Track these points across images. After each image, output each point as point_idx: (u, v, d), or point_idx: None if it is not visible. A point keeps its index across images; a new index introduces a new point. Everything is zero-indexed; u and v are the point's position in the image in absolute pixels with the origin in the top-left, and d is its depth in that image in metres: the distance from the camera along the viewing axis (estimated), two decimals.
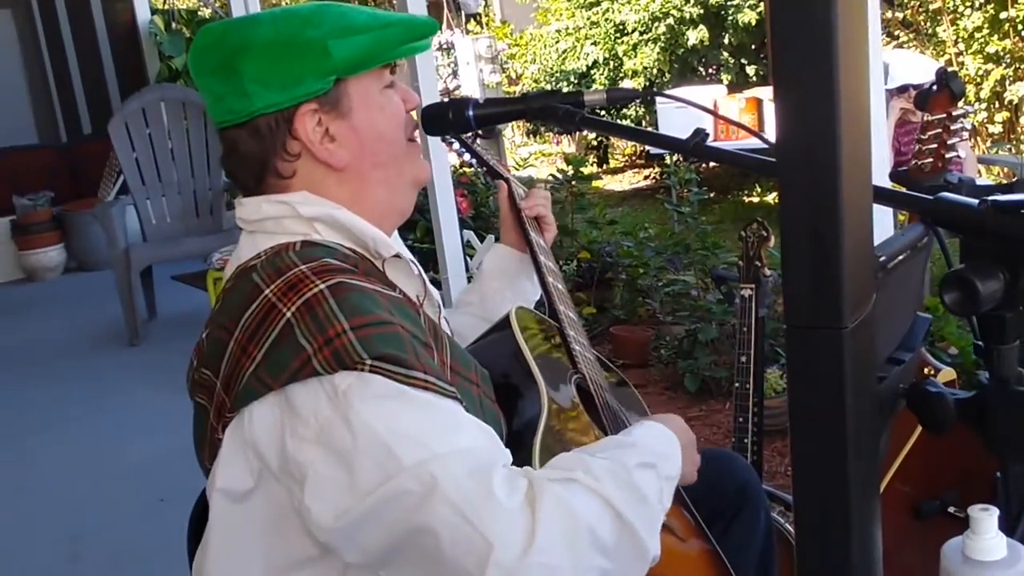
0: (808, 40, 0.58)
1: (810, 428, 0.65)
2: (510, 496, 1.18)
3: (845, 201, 0.59)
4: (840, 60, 0.58)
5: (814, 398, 0.63)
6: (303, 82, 1.39)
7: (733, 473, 1.86)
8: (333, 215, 1.42)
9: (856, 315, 0.62)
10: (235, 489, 1.31)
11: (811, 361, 0.63)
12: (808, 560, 0.67)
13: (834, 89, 0.58)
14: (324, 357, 1.21)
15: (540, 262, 1.88)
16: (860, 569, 0.66)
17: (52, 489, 4.08)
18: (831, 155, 0.59)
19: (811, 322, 0.62)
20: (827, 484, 0.65)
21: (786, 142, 0.60)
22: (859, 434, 0.64)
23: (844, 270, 0.60)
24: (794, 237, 0.61)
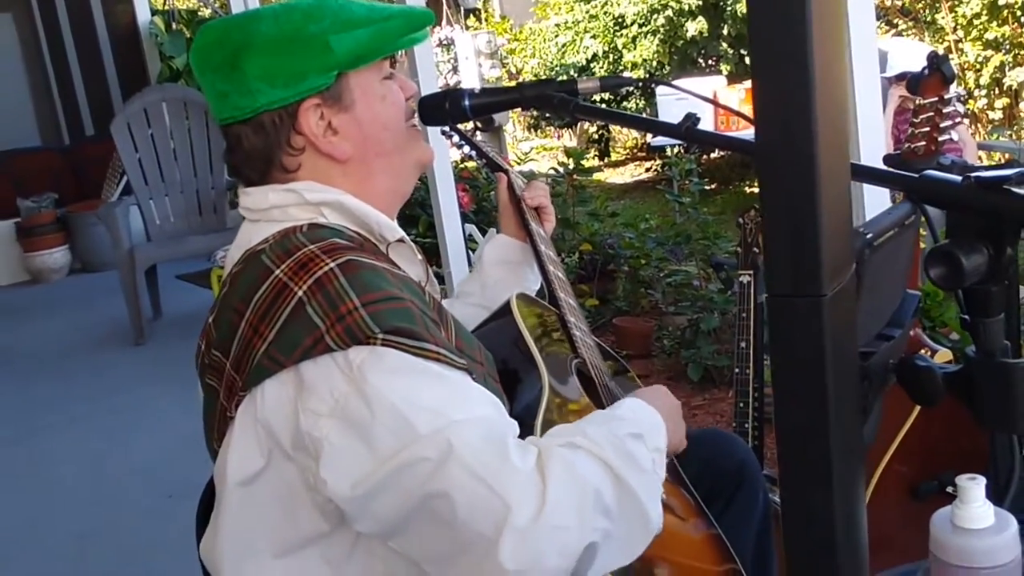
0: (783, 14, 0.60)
1: (792, 394, 0.67)
2: (523, 460, 1.21)
3: (822, 171, 0.61)
4: (814, 34, 0.60)
5: (795, 364, 0.65)
6: (306, 78, 1.41)
7: (731, 452, 1.88)
8: (339, 200, 1.44)
9: (835, 283, 0.64)
10: (245, 470, 1.33)
11: (792, 328, 0.64)
12: (792, 527, 0.68)
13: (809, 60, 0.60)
14: (337, 333, 1.23)
15: (540, 250, 1.90)
16: (844, 536, 0.68)
17: (60, 487, 4.11)
18: (806, 125, 0.61)
19: (791, 290, 0.64)
20: (809, 450, 0.66)
21: (763, 114, 0.62)
22: (840, 400, 0.66)
23: (822, 239, 0.62)
24: (773, 209, 0.64)
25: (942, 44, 7.71)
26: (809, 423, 0.65)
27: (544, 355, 1.64)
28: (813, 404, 0.65)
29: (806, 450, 0.66)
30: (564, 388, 1.62)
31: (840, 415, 0.66)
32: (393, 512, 1.23)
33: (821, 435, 0.65)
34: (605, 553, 1.26)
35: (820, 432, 0.65)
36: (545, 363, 1.62)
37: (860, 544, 0.71)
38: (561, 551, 1.20)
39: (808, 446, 0.66)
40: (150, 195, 6.17)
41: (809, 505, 0.67)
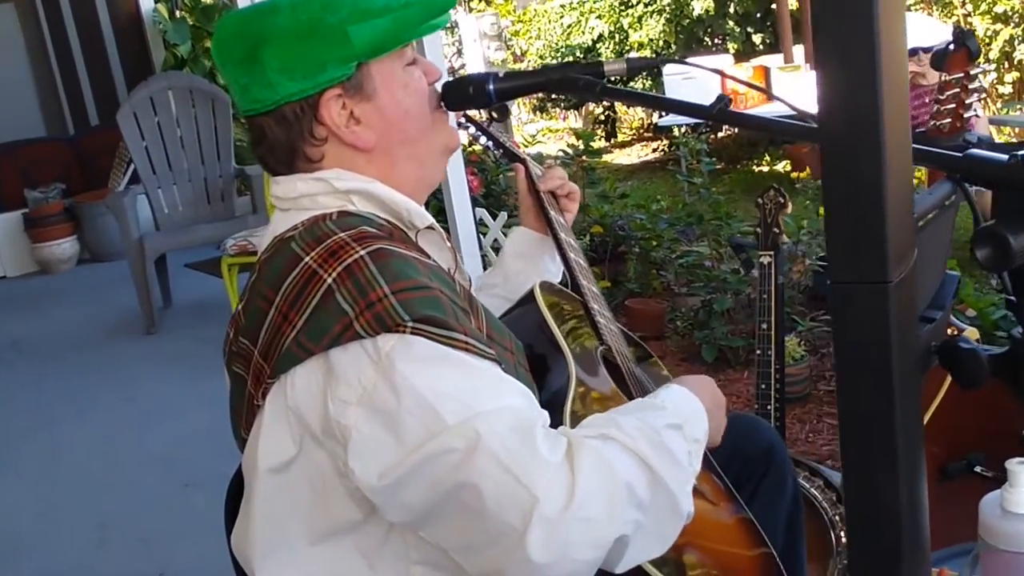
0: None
1: (856, 383, 0.65)
2: (552, 451, 1.20)
3: (888, 157, 0.60)
4: (881, 17, 0.58)
5: (860, 353, 0.64)
6: (325, 69, 1.40)
7: (758, 436, 1.87)
8: (368, 188, 1.44)
9: (899, 270, 0.63)
10: (277, 457, 1.33)
11: (856, 316, 0.63)
12: (857, 512, 0.67)
13: (876, 46, 0.59)
14: (366, 320, 1.23)
15: (561, 239, 1.89)
16: (909, 519, 0.67)
17: (78, 476, 4.11)
18: (874, 111, 0.59)
19: (856, 277, 0.62)
20: (875, 438, 0.65)
21: (828, 100, 0.61)
22: (904, 388, 0.65)
23: (888, 226, 0.61)
24: (837, 195, 0.62)
25: (951, 18, 7.66)
26: (875, 410, 0.64)
27: (570, 343, 1.63)
28: (879, 391, 0.64)
29: (872, 436, 0.65)
30: (591, 376, 1.61)
31: (904, 401, 0.65)
32: (421, 502, 1.22)
33: (887, 421, 0.64)
34: (636, 545, 1.25)
35: (886, 418, 0.64)
36: (571, 351, 1.61)
37: (923, 527, 0.71)
38: (591, 543, 1.19)
39: (874, 432, 0.65)
40: (158, 184, 6.16)
41: (875, 490, 0.66)
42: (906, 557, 0.67)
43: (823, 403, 3.85)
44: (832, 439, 3.55)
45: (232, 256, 5.27)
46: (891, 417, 0.64)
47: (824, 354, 4.26)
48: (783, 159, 9.01)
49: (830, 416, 3.71)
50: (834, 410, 3.76)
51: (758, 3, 8.81)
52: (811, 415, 3.75)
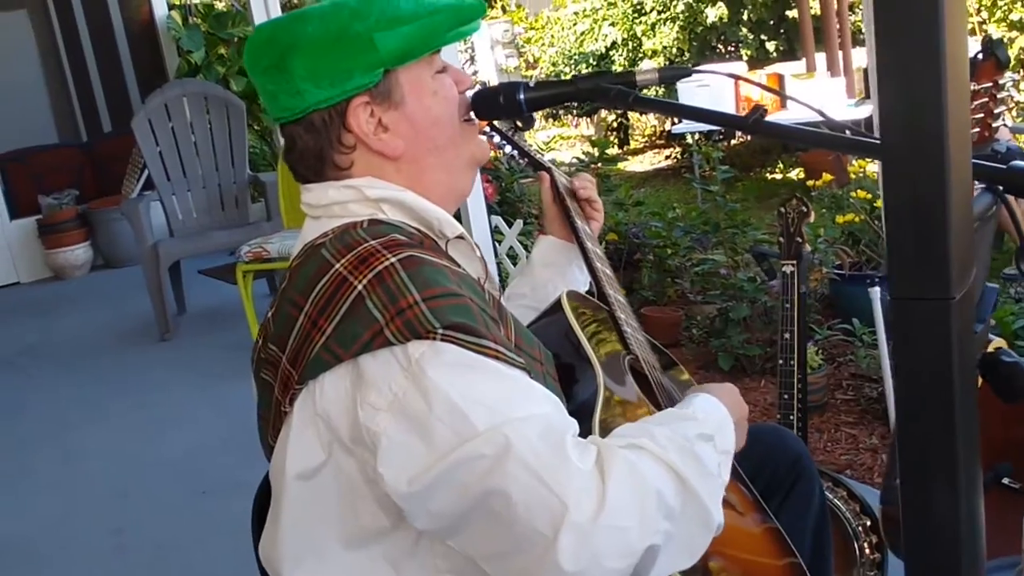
0: (913, 10, 0.58)
1: (917, 398, 0.65)
2: (582, 459, 1.20)
3: (952, 171, 0.59)
4: (947, 32, 0.58)
5: (922, 368, 0.63)
6: (352, 76, 1.40)
7: (786, 447, 1.87)
8: (399, 196, 1.44)
9: (961, 286, 0.63)
10: (305, 464, 1.33)
11: (919, 332, 0.63)
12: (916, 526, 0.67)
13: (942, 62, 0.58)
14: (396, 327, 1.23)
15: (587, 248, 1.89)
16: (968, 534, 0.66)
17: (95, 483, 4.11)
18: (938, 125, 0.59)
19: (919, 293, 0.62)
20: (935, 453, 0.65)
21: (891, 116, 0.60)
22: (963, 403, 0.64)
23: (951, 241, 0.60)
24: (900, 209, 0.62)
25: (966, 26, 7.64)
26: (936, 425, 0.64)
27: (597, 352, 1.62)
28: (940, 406, 0.63)
29: (932, 451, 0.65)
30: (619, 385, 1.61)
31: (963, 416, 0.65)
32: (450, 509, 1.22)
33: (948, 437, 0.64)
34: (666, 555, 1.25)
35: (947, 434, 0.64)
36: (599, 360, 1.60)
37: (980, 542, 0.70)
38: (620, 552, 1.18)
39: (934, 447, 0.64)
40: (172, 190, 6.17)
41: (934, 505, 0.65)
42: (965, 571, 0.66)
43: (840, 412, 3.84)
44: (850, 448, 3.53)
45: (247, 263, 5.28)
46: (952, 432, 0.63)
47: (841, 363, 4.26)
48: (796, 166, 9.00)
49: (848, 425, 3.70)
50: (852, 419, 3.75)
51: (772, 10, 8.80)
52: (829, 424, 3.74)
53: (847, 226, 4.58)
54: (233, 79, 8.22)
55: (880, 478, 3.27)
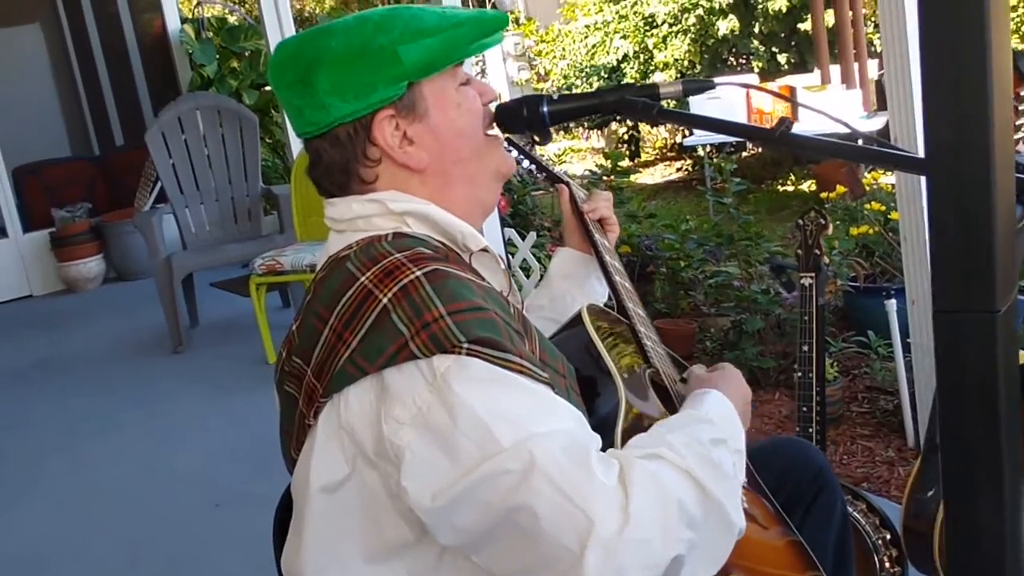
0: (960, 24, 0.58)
1: (961, 410, 0.64)
2: (607, 473, 1.19)
3: (997, 185, 0.59)
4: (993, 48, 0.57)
5: (967, 382, 0.63)
6: (376, 90, 1.41)
7: (807, 460, 1.86)
8: (424, 210, 1.44)
9: (1006, 299, 0.62)
10: (329, 477, 1.32)
11: (963, 345, 0.62)
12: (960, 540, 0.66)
13: (988, 78, 0.58)
14: (422, 341, 1.22)
15: (606, 261, 1.89)
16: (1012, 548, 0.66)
17: (109, 495, 4.11)
18: (984, 140, 0.59)
19: (963, 306, 0.61)
20: (980, 464, 0.64)
21: (937, 130, 0.60)
22: (1008, 415, 0.64)
23: (996, 254, 0.60)
24: (945, 223, 0.61)
25: None
26: (980, 437, 0.63)
27: (618, 366, 1.62)
28: (985, 418, 0.63)
29: (977, 465, 0.64)
30: (641, 399, 1.60)
31: (1008, 427, 0.64)
32: (474, 524, 1.21)
33: (993, 451, 0.63)
34: (691, 563, 1.24)
35: (992, 448, 0.63)
36: (620, 374, 1.60)
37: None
38: (645, 565, 1.18)
39: (979, 459, 0.64)
40: (185, 203, 6.19)
41: (979, 519, 0.65)
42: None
43: (856, 425, 3.82)
44: (866, 461, 3.52)
45: (260, 275, 5.29)
46: (997, 444, 0.63)
47: (856, 375, 4.24)
48: (808, 178, 8.99)
49: (864, 438, 3.68)
50: (868, 432, 3.73)
51: (783, 23, 8.80)
52: (844, 437, 3.72)
53: (861, 238, 4.57)
54: (245, 92, 8.26)
55: (897, 491, 3.26)
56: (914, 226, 2.86)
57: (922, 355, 2.97)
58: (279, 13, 6.57)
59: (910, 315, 2.99)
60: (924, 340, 2.94)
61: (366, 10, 1.49)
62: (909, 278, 2.95)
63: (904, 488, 3.24)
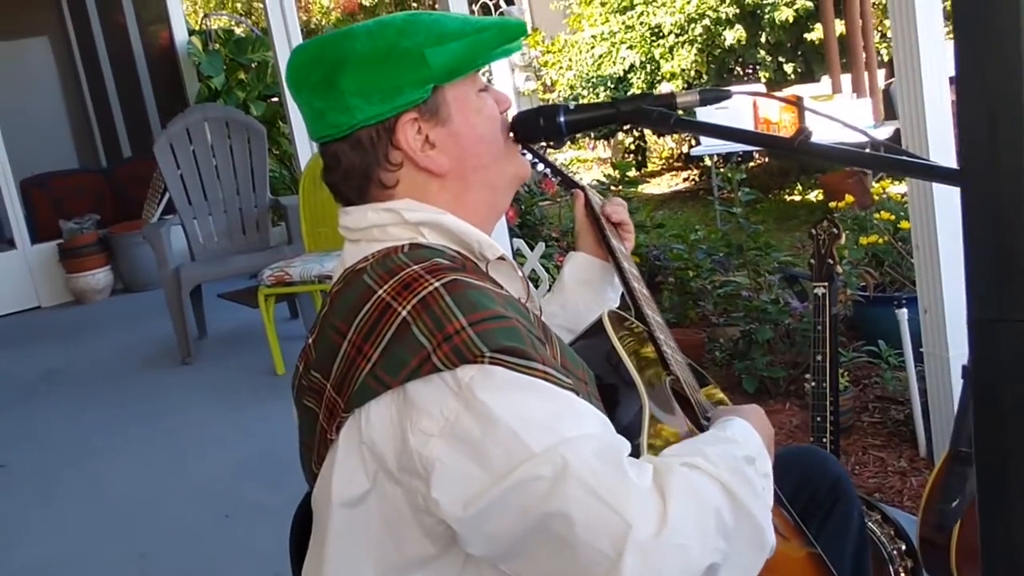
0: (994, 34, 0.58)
1: (996, 419, 0.64)
2: (641, 476, 1.19)
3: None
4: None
5: (1001, 392, 0.63)
6: (402, 92, 1.40)
7: (824, 469, 1.85)
8: (439, 219, 1.43)
9: None
10: (350, 492, 1.32)
11: (998, 354, 0.62)
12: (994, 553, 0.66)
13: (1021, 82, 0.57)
14: (444, 353, 1.22)
15: (623, 267, 1.88)
16: None
17: (119, 507, 4.11)
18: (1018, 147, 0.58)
19: (998, 316, 0.61)
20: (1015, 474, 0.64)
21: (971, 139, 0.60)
22: None
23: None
24: (980, 232, 0.61)
25: None
26: (1016, 450, 0.63)
27: (640, 374, 1.61)
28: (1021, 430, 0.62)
29: (1012, 476, 0.64)
30: (662, 406, 1.59)
31: None
32: (508, 532, 1.20)
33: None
34: (724, 575, 1.23)
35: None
36: (642, 382, 1.59)
37: None
38: (682, 570, 1.17)
39: (1014, 472, 0.63)
40: (193, 215, 6.20)
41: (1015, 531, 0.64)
42: None
43: (867, 435, 3.81)
44: (878, 472, 3.51)
45: (269, 286, 5.29)
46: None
47: (866, 385, 4.23)
48: (815, 188, 8.99)
49: (876, 448, 3.67)
50: (879, 442, 3.72)
51: (790, 33, 8.81)
52: (856, 447, 3.71)
53: (871, 247, 4.56)
54: (253, 104, 8.28)
55: (910, 502, 3.25)
56: (926, 235, 2.85)
57: (935, 364, 2.96)
58: (287, 24, 6.59)
59: (923, 324, 2.98)
60: (937, 349, 2.93)
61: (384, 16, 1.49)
62: (921, 287, 2.94)
63: (917, 499, 3.24)
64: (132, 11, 9.28)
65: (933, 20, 2.73)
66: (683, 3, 9.14)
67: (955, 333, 2.89)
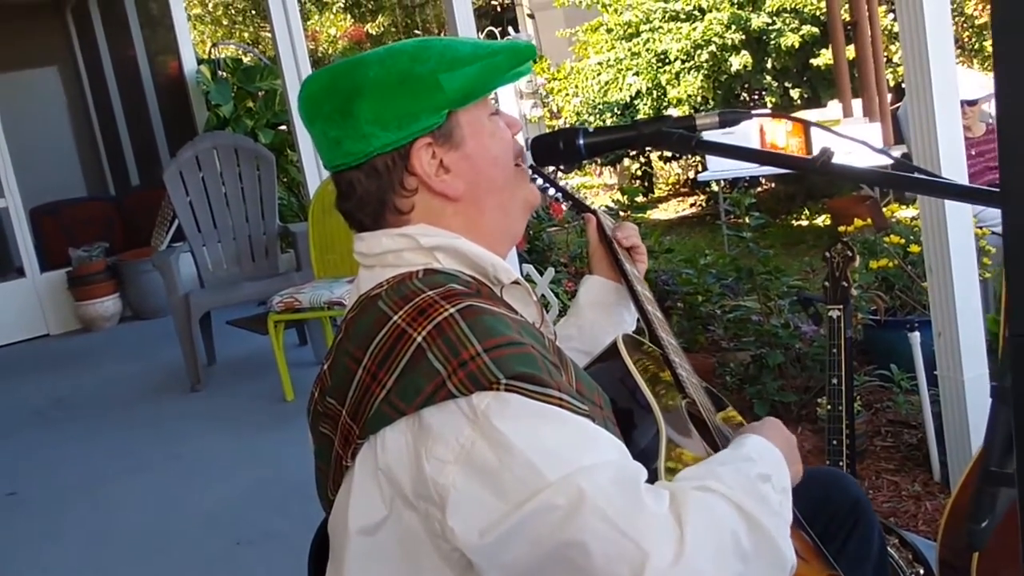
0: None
1: None
2: (657, 503, 1.18)
3: None
4: None
5: None
6: (418, 118, 1.41)
7: (844, 491, 1.84)
8: (453, 244, 1.43)
9: None
10: (367, 519, 1.31)
11: None
12: None
13: None
14: (459, 379, 1.22)
15: (637, 290, 1.88)
16: None
17: (128, 535, 4.09)
18: None
19: None
20: None
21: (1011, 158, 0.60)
22: None
23: None
24: (1019, 249, 0.61)
25: (990, 72, 7.64)
26: None
27: (657, 398, 1.61)
28: None
29: None
30: (679, 430, 1.59)
31: None
32: (524, 561, 1.19)
33: None
34: None
35: None
36: (659, 406, 1.59)
37: None
38: None
39: None
40: (203, 242, 6.22)
41: None
42: None
43: (880, 459, 3.79)
44: (892, 496, 3.49)
45: (279, 313, 5.29)
46: None
47: (878, 409, 4.22)
48: (822, 213, 8.99)
49: (889, 472, 3.66)
50: (893, 466, 3.70)
51: (796, 58, 8.83)
52: (869, 471, 3.69)
53: (881, 271, 4.55)
54: (261, 132, 8.31)
55: (925, 526, 3.23)
56: (939, 258, 2.85)
57: (949, 387, 2.95)
58: (295, 52, 6.62)
59: (936, 348, 2.97)
60: (951, 372, 2.92)
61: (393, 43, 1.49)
62: (935, 310, 2.94)
63: (932, 523, 3.22)
64: (141, 41, 9.35)
65: (944, 45, 2.74)
66: (689, 29, 9.16)
67: (969, 356, 2.88)
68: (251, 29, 16.79)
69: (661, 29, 9.49)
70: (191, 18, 15.11)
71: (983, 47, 7.80)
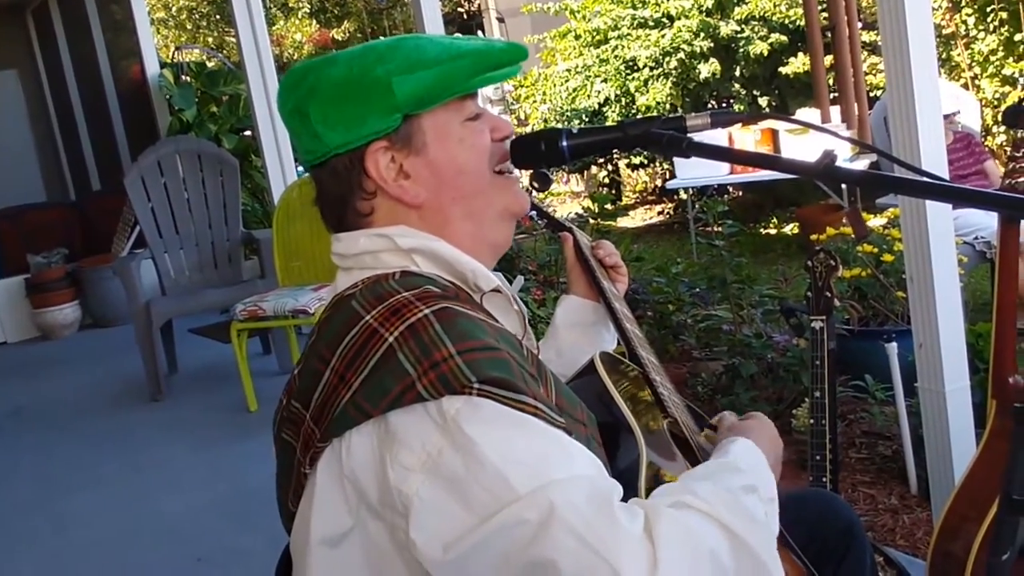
0: None
1: None
2: (631, 522, 1.11)
3: None
4: None
5: None
6: (366, 121, 1.36)
7: (837, 514, 1.79)
8: (432, 247, 1.37)
9: None
10: (331, 530, 1.25)
11: None
12: None
13: None
14: (429, 381, 1.15)
15: (615, 308, 1.82)
16: None
17: (87, 549, 3.98)
18: None
19: None
20: None
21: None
22: None
23: None
24: None
25: (959, 81, 7.65)
26: None
27: (636, 416, 1.53)
28: None
29: None
30: (659, 448, 1.52)
31: None
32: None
33: None
34: None
35: None
36: (639, 425, 1.51)
37: None
38: None
39: None
40: (164, 248, 6.09)
41: None
42: None
43: (856, 471, 3.74)
44: (869, 509, 3.43)
45: (242, 321, 5.18)
46: None
47: (852, 420, 4.17)
48: (790, 221, 8.97)
49: (865, 485, 3.60)
50: (868, 479, 3.66)
51: (764, 66, 8.81)
52: (844, 484, 3.63)
53: (854, 281, 4.51)
54: (225, 137, 8.19)
55: (903, 540, 3.18)
56: (921, 268, 2.79)
57: (930, 399, 2.89)
58: (260, 57, 6.52)
59: (917, 358, 2.91)
60: (932, 384, 2.86)
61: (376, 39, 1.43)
62: (916, 321, 2.88)
63: (910, 536, 3.17)
64: (103, 44, 9.20)
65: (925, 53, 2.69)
66: (658, 36, 9.13)
67: (951, 368, 2.82)
68: (215, 33, 16.64)
69: (630, 36, 9.44)
70: (154, 22, 14.95)
71: (950, 56, 7.80)
